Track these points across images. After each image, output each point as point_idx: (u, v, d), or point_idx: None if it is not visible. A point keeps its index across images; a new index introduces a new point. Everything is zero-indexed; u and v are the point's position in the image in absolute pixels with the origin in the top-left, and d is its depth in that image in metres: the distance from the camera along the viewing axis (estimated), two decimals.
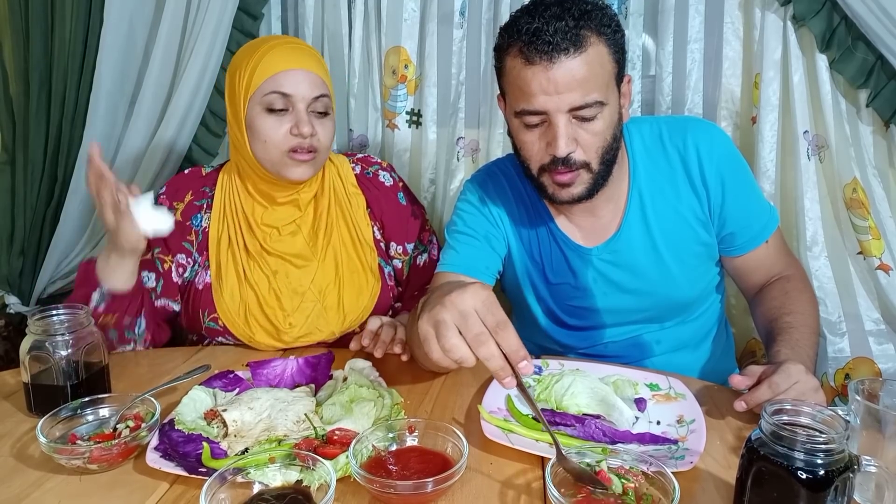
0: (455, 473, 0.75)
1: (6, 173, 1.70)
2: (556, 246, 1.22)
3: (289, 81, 1.17)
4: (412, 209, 1.38)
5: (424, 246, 1.38)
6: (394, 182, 1.38)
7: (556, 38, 0.97)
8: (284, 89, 1.16)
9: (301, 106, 1.17)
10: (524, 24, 0.99)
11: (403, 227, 1.36)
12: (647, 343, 1.24)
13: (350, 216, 1.31)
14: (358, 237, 1.30)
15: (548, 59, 0.98)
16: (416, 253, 1.37)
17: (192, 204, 1.28)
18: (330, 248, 1.28)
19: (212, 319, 1.25)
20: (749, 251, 1.20)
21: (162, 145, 1.65)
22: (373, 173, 1.36)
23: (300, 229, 1.28)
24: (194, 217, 1.28)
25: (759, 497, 0.67)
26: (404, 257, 1.36)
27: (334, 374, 1.07)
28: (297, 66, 1.18)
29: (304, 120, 1.16)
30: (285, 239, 1.27)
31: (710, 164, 1.14)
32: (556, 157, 1.03)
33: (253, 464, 0.76)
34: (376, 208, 1.34)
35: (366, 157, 1.40)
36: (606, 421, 0.93)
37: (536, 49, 0.98)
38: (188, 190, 1.29)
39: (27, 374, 0.97)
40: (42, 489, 0.81)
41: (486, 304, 0.78)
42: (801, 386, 0.89)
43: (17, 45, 1.62)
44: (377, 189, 1.35)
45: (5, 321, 1.83)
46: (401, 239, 1.35)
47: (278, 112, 1.17)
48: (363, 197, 1.34)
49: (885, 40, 1.38)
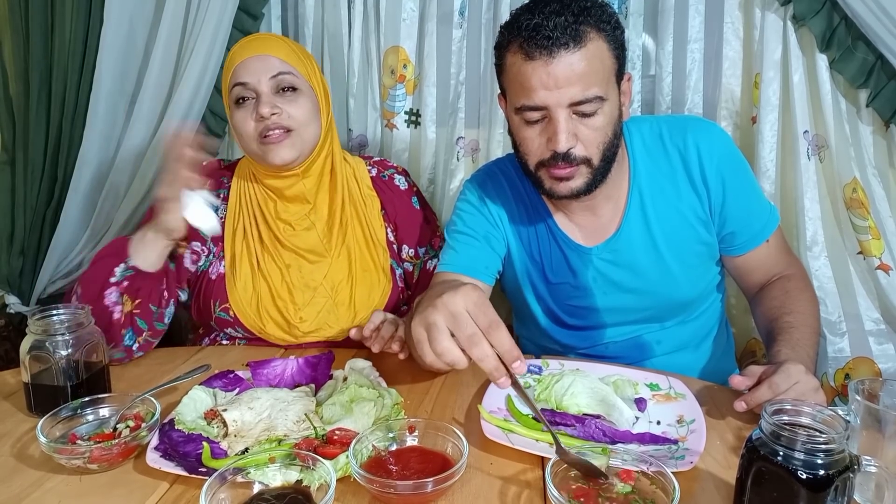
0: (455, 473, 0.75)
1: (6, 173, 1.70)
2: (556, 245, 1.22)
3: (245, 70, 1.18)
4: (425, 214, 1.39)
5: (435, 251, 1.38)
6: (408, 186, 1.39)
7: (556, 32, 0.97)
8: (242, 79, 1.18)
9: (263, 88, 1.18)
10: (524, 21, 1.00)
11: (416, 231, 1.37)
12: (647, 343, 1.24)
13: (364, 216, 1.32)
14: (371, 237, 1.32)
15: (548, 54, 0.98)
16: (427, 258, 1.38)
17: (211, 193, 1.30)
18: (344, 246, 1.30)
19: (223, 310, 1.26)
20: (750, 250, 1.20)
21: (162, 145, 1.65)
22: (388, 177, 1.38)
23: (314, 225, 1.29)
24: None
25: (759, 497, 0.67)
26: (415, 260, 1.37)
27: (334, 374, 1.07)
28: (252, 53, 1.19)
29: (263, 101, 1.17)
30: (300, 234, 1.28)
31: (711, 164, 1.14)
32: (557, 152, 1.03)
33: (253, 464, 0.76)
34: (390, 210, 1.35)
35: (382, 160, 1.42)
36: (606, 421, 0.93)
37: (536, 44, 0.98)
38: (206, 178, 1.29)
39: (27, 373, 0.97)
40: (42, 489, 0.81)
41: (478, 304, 0.78)
42: (801, 386, 0.89)
43: (17, 45, 1.62)
44: (392, 192, 1.36)
45: (5, 321, 1.83)
46: (413, 242, 1.36)
47: (244, 103, 1.19)
48: (378, 199, 1.35)
49: (885, 40, 1.37)
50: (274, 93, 1.19)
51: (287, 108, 1.19)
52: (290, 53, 1.23)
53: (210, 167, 1.32)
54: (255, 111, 1.18)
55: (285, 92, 1.20)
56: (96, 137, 1.63)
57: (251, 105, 1.19)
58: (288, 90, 1.20)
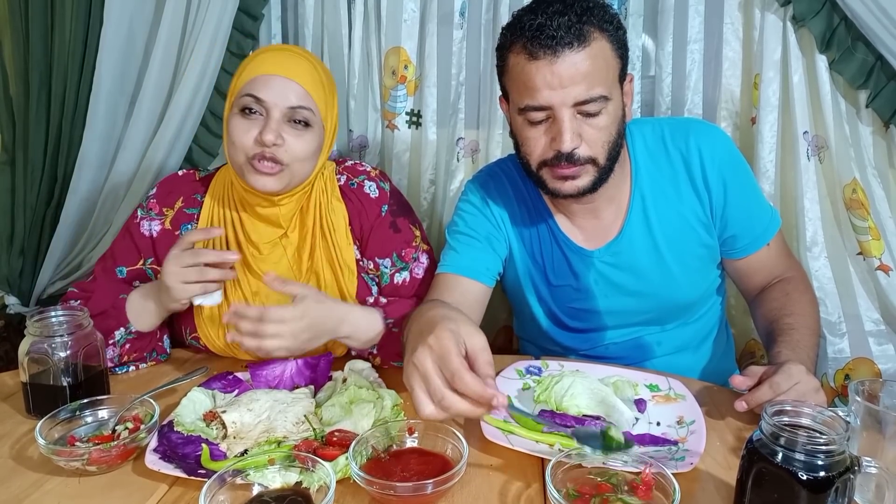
0: (455, 475, 0.75)
1: (6, 173, 1.70)
2: (558, 248, 1.22)
3: (266, 86, 1.10)
4: (393, 221, 1.26)
5: (405, 263, 1.25)
6: (381, 194, 1.26)
7: (560, 32, 0.98)
8: (258, 93, 1.10)
9: (275, 113, 1.10)
10: (527, 21, 1.00)
11: (377, 242, 1.25)
12: (647, 344, 1.24)
13: (331, 238, 1.23)
14: (338, 261, 1.22)
15: (552, 54, 0.98)
16: (395, 270, 1.25)
17: (182, 212, 1.24)
18: (311, 272, 1.23)
19: (193, 338, 1.22)
20: (751, 254, 1.20)
21: (162, 145, 1.65)
22: (358, 184, 1.26)
23: (285, 252, 1.22)
24: (184, 226, 1.23)
25: (759, 498, 0.67)
26: (375, 272, 1.26)
27: (334, 376, 1.07)
28: (280, 72, 1.11)
29: (269, 127, 1.09)
30: (270, 259, 1.21)
31: (713, 167, 1.14)
32: (561, 152, 1.03)
33: (252, 465, 0.76)
34: (356, 225, 1.25)
35: (354, 165, 1.29)
36: (606, 422, 0.92)
37: (540, 44, 0.98)
38: (179, 195, 1.25)
39: (26, 375, 0.97)
40: (41, 491, 0.81)
41: (442, 355, 0.76)
42: (801, 387, 0.89)
43: (17, 45, 1.62)
44: (361, 202, 1.25)
45: (4, 322, 1.83)
46: (371, 254, 1.25)
47: (251, 115, 1.11)
48: (346, 211, 1.25)
49: (885, 40, 1.37)
50: (285, 121, 1.12)
51: (290, 142, 1.11)
52: (317, 85, 1.15)
53: (186, 178, 1.29)
54: (258, 129, 1.10)
55: (296, 124, 1.12)
56: (96, 137, 1.63)
57: (256, 121, 1.11)
58: (299, 123, 1.13)
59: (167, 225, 1.24)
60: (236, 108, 1.13)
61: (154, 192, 1.27)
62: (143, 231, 1.23)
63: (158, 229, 1.23)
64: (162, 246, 1.21)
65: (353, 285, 1.23)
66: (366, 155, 1.78)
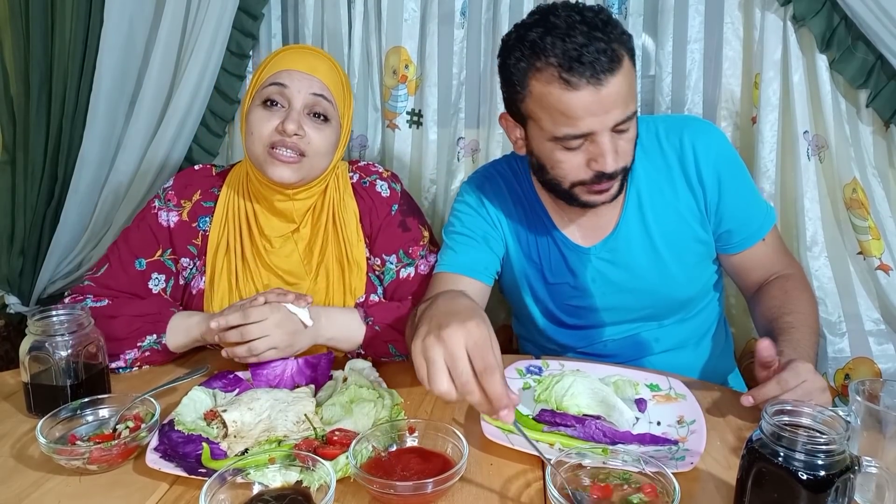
0: (455, 474, 0.75)
1: (6, 173, 1.70)
2: (555, 246, 1.22)
3: (290, 77, 1.15)
4: (402, 220, 1.28)
5: (411, 259, 1.27)
6: (391, 193, 1.30)
7: (599, 57, 0.95)
8: (283, 80, 1.14)
9: (297, 104, 1.14)
10: (559, 48, 0.96)
11: (385, 239, 1.27)
12: (645, 341, 1.25)
13: (343, 235, 1.25)
14: (348, 258, 1.25)
15: (596, 82, 0.95)
16: (400, 266, 1.27)
17: (200, 204, 1.26)
18: (322, 268, 1.25)
19: None
20: (746, 249, 1.20)
21: (162, 145, 1.65)
22: (370, 183, 1.29)
23: (297, 246, 1.25)
24: (201, 219, 1.26)
25: (759, 498, 0.67)
26: (381, 268, 1.27)
27: (334, 375, 1.07)
28: (302, 68, 1.16)
29: (291, 117, 1.13)
30: (281, 253, 1.24)
31: (707, 162, 1.15)
32: (605, 172, 1.02)
33: (253, 464, 0.76)
34: (366, 222, 1.27)
35: (367, 165, 1.34)
36: (607, 421, 0.93)
37: (580, 73, 0.95)
38: (197, 188, 1.27)
39: (27, 374, 0.97)
40: (42, 490, 0.81)
41: (479, 345, 0.75)
42: (808, 385, 0.89)
43: (17, 45, 1.62)
44: (372, 200, 1.28)
45: (5, 321, 1.83)
46: (379, 251, 1.27)
47: (273, 107, 1.15)
48: (357, 208, 1.28)
49: (885, 40, 1.37)
50: (305, 113, 1.16)
51: (311, 133, 1.15)
52: (336, 83, 1.20)
53: (203, 172, 1.31)
54: (279, 120, 1.14)
55: (316, 117, 1.17)
56: (96, 137, 1.63)
57: (278, 112, 1.15)
58: (319, 116, 1.17)
59: (184, 217, 1.25)
60: (258, 101, 1.17)
61: (171, 184, 1.28)
62: (161, 221, 1.24)
63: (176, 220, 1.25)
64: (179, 237, 1.23)
65: (362, 282, 1.25)
66: (366, 155, 1.78)
